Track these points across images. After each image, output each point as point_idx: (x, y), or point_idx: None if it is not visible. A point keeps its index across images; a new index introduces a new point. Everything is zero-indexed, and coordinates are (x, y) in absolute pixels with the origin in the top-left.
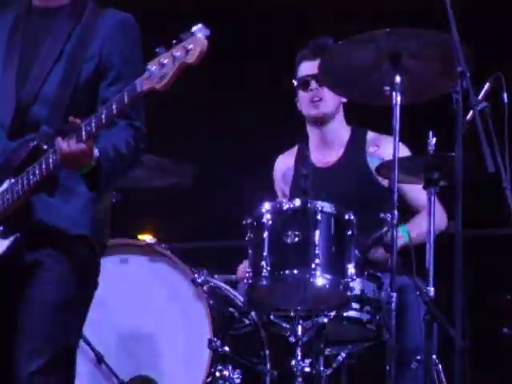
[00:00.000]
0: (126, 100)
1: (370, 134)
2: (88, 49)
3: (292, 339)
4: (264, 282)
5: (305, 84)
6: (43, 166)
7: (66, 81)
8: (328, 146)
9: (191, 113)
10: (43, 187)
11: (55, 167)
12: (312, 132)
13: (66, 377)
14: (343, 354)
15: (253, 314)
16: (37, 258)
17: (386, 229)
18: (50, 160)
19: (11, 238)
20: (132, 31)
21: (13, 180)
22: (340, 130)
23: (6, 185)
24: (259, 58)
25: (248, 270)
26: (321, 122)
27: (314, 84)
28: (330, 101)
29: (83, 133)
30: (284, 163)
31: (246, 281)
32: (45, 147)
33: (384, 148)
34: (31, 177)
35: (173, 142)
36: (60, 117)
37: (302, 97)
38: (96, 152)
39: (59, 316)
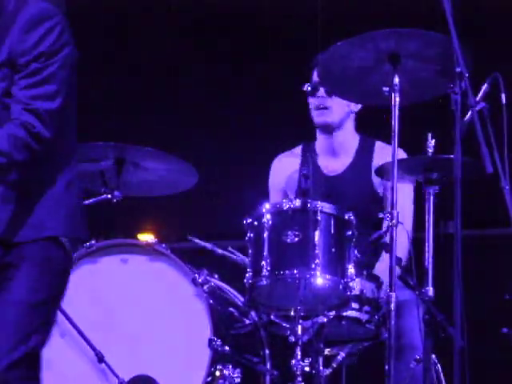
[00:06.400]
0: None
1: (378, 145)
2: None
3: (292, 339)
4: (264, 282)
5: (313, 90)
6: None
7: None
8: (335, 153)
9: (191, 113)
10: None
11: None
12: (320, 138)
13: (28, 377)
14: (343, 354)
15: (253, 313)
16: (9, 261)
17: (384, 229)
18: None
19: None
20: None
21: None
22: (348, 139)
23: None
24: (261, 59)
25: (248, 269)
26: (326, 130)
27: (321, 91)
28: (337, 110)
29: None
30: (287, 165)
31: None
32: None
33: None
34: None
35: (173, 142)
36: None
37: (310, 102)
38: None
39: (21, 317)
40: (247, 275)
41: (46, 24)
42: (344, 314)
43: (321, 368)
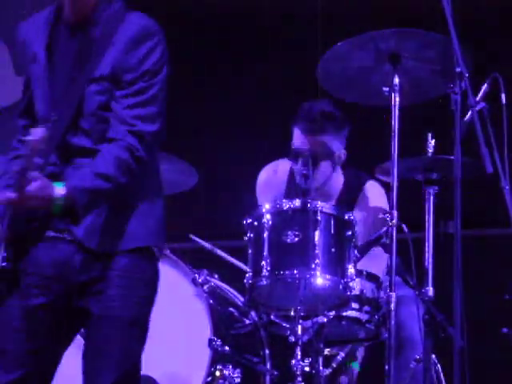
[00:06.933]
0: None
1: (367, 189)
2: (98, 69)
3: (292, 339)
4: (264, 282)
5: (295, 156)
6: None
7: (68, 105)
8: (321, 193)
9: (191, 113)
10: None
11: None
12: None
13: None
14: (342, 354)
15: (253, 313)
16: (101, 273)
17: (384, 229)
18: None
19: None
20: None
21: None
22: (333, 185)
23: None
24: (261, 59)
25: (248, 269)
26: None
27: (300, 164)
28: (320, 175)
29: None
30: (273, 184)
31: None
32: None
33: (367, 222)
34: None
35: (173, 142)
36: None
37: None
38: (60, 191)
39: (126, 333)
40: (247, 275)
41: (151, 41)
42: (344, 314)
43: (320, 368)
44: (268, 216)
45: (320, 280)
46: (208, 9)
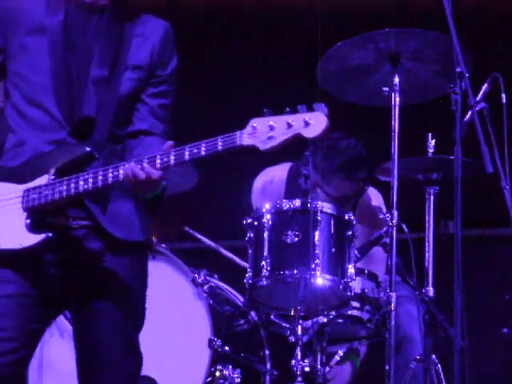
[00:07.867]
0: (219, 148)
1: (366, 198)
2: (132, 57)
3: (292, 339)
4: (264, 282)
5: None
6: (100, 178)
7: (112, 90)
8: None
9: (192, 113)
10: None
11: (113, 183)
12: None
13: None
14: (341, 353)
15: (253, 313)
16: (110, 262)
17: (385, 229)
18: (110, 175)
19: (42, 236)
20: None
21: (53, 178)
22: None
23: (44, 180)
24: (261, 59)
25: (248, 270)
26: None
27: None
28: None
29: (158, 161)
30: (269, 193)
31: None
32: (97, 156)
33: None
34: (82, 183)
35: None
36: (108, 126)
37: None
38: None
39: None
40: (247, 275)
41: (174, 43)
42: (345, 312)
43: (321, 367)
44: (268, 216)
45: (320, 280)
46: (207, 10)
